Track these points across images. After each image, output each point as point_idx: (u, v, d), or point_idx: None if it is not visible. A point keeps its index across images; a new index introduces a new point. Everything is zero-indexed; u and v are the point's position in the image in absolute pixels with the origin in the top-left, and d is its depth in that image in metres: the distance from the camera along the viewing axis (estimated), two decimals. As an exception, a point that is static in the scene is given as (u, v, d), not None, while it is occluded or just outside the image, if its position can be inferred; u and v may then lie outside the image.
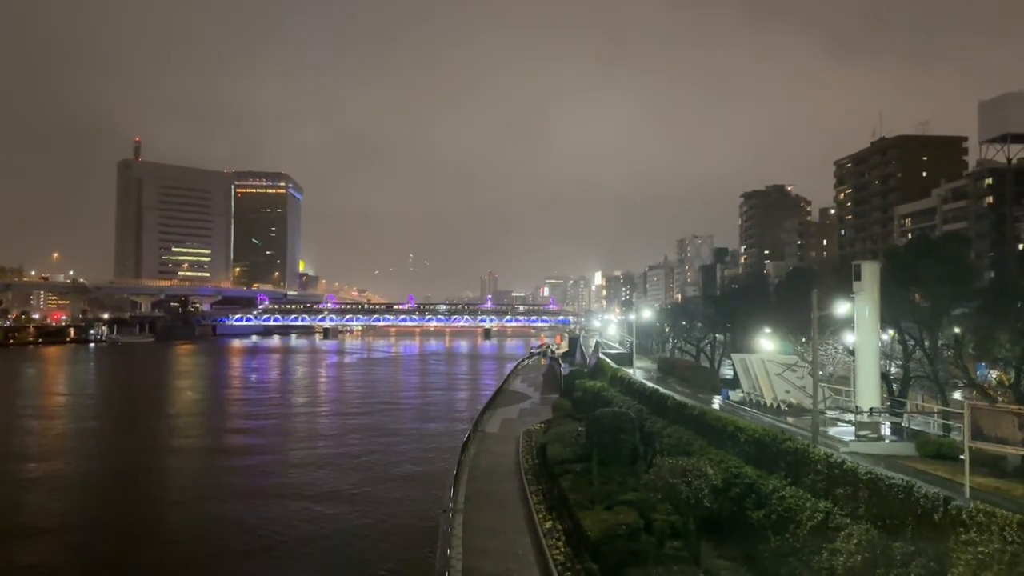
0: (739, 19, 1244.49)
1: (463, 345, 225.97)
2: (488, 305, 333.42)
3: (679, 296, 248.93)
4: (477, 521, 28.58)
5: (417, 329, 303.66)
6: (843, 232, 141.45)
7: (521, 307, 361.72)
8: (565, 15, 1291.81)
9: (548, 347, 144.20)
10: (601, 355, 67.14)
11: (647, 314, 53.05)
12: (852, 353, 36.04)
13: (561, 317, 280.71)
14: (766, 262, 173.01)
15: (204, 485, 43.91)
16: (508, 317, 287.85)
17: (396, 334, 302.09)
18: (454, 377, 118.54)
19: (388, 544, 31.73)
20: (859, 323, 26.75)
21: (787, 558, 18.29)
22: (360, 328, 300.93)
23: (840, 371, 36.77)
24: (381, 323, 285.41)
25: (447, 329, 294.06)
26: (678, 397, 33.83)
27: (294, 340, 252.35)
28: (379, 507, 37.33)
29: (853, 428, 28.52)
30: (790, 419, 31.85)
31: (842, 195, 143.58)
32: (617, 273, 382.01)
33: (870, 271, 27.07)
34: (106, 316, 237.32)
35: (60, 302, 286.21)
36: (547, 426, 48.53)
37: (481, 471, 37.89)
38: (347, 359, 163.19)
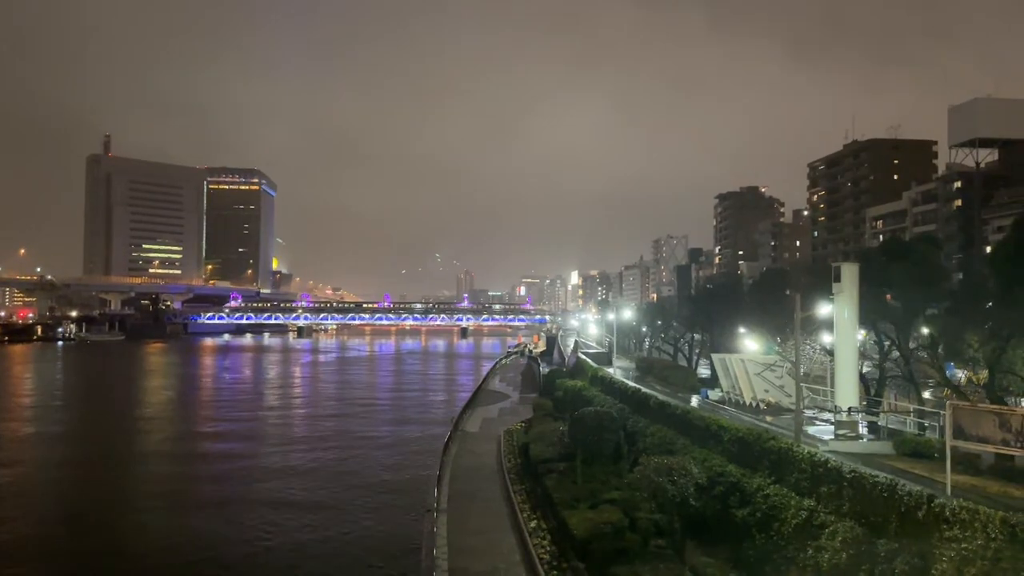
0: (707, 23, 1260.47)
1: (439, 344, 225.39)
2: (465, 304, 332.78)
3: (655, 296, 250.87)
4: (461, 521, 28.55)
5: (393, 328, 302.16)
6: (816, 233, 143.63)
7: (497, 306, 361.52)
8: (539, 20, 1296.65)
9: (525, 346, 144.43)
10: (580, 354, 67.43)
11: (627, 314, 53.32)
12: (829, 353, 36.72)
13: (538, 316, 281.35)
14: (740, 263, 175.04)
15: (174, 492, 42.69)
16: (485, 316, 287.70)
17: (371, 333, 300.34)
18: (431, 376, 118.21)
19: (371, 547, 31.55)
20: (838, 324, 27.21)
21: (772, 555, 18.57)
22: (335, 327, 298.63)
23: (817, 371, 37.36)
24: (356, 322, 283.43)
25: (423, 328, 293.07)
26: (660, 396, 34.14)
27: (267, 339, 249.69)
28: (357, 511, 37.08)
29: (831, 427, 29.02)
30: (769, 418, 32.33)
31: (815, 197, 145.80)
32: (593, 273, 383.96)
33: (849, 273, 27.54)
34: (74, 314, 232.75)
35: (27, 299, 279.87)
36: (528, 425, 48.63)
37: (463, 471, 37.83)
38: (322, 358, 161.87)
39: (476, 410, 60.09)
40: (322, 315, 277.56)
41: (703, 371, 58.82)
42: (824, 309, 27.48)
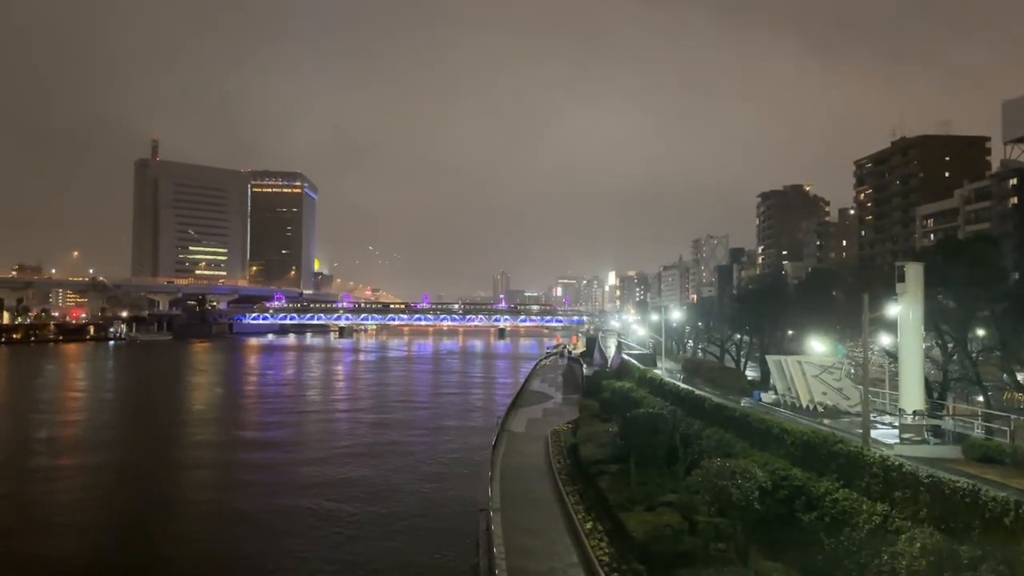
0: (714, 21, 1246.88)
1: (477, 344, 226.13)
2: (502, 305, 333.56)
3: (695, 297, 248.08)
4: (515, 520, 28.54)
5: (430, 328, 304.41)
6: (863, 233, 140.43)
7: (535, 307, 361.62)
8: (549, 21, 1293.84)
9: (564, 347, 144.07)
10: (624, 355, 67.03)
11: (676, 315, 52.77)
12: (889, 355, 35.83)
13: (575, 317, 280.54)
14: (784, 263, 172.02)
15: (223, 485, 43.78)
16: (522, 317, 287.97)
17: (409, 333, 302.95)
18: (471, 377, 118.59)
19: (425, 545, 31.72)
20: (903, 325, 26.47)
21: (843, 561, 18.16)
22: (375, 327, 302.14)
23: (875, 373, 36.51)
24: (395, 322, 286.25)
25: (460, 329, 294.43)
26: (716, 399, 33.69)
27: (309, 339, 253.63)
28: (407, 507, 37.34)
29: (894, 430, 28.29)
30: (827, 421, 31.64)
31: (862, 195, 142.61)
32: (631, 273, 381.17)
33: (914, 273, 26.76)
34: (124, 314, 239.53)
35: (79, 300, 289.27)
36: (574, 426, 48.49)
37: (512, 470, 37.84)
38: (363, 357, 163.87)
39: (520, 410, 60.12)
40: (362, 316, 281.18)
41: (750, 373, 57.88)
42: (892, 310, 26.74)
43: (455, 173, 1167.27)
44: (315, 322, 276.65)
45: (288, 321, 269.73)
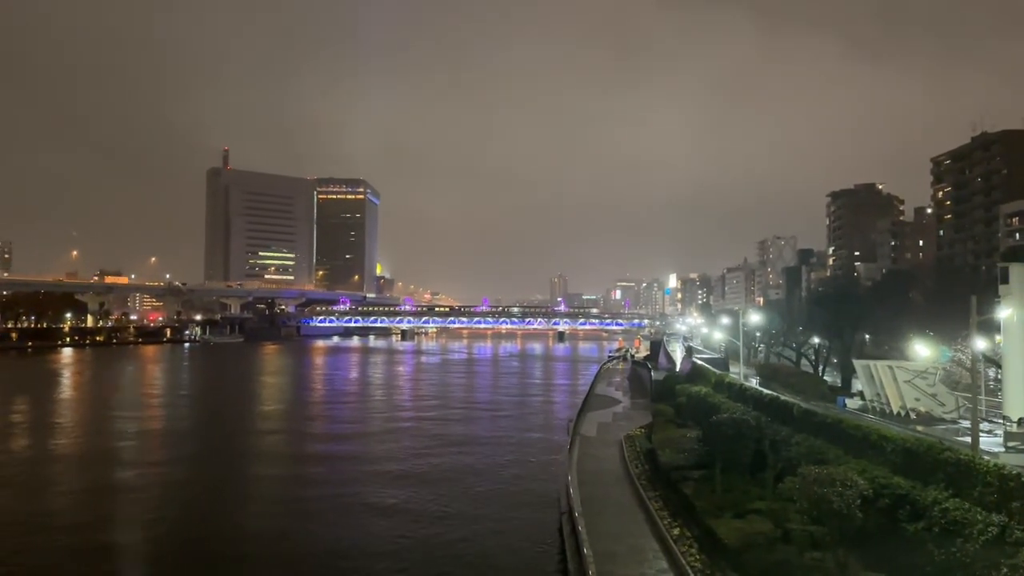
0: (753, 23, 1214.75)
1: (536, 347, 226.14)
2: (561, 308, 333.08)
3: (761, 299, 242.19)
4: (597, 525, 28.43)
5: (489, 331, 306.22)
6: (941, 232, 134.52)
7: (594, 310, 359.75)
8: (581, 28, 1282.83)
9: (627, 351, 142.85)
10: (695, 360, 66.02)
11: (754, 318, 51.59)
12: (988, 360, 34.31)
13: (635, 320, 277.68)
14: (856, 264, 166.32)
15: (290, 496, 44.00)
16: (581, 320, 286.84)
17: (468, 336, 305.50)
18: (533, 379, 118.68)
19: (506, 544, 31.86)
20: (1008, 328, 25.37)
21: (955, 573, 17.47)
22: (435, 330, 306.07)
23: (968, 378, 35.01)
24: (455, 325, 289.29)
25: (519, 332, 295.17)
26: (804, 404, 32.86)
27: (372, 341, 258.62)
28: (483, 511, 37.54)
29: (995, 438, 27.12)
30: (920, 428, 30.51)
31: (940, 193, 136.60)
32: (693, 275, 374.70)
33: (1019, 273, 25.63)
34: (198, 317, 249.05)
35: (155, 304, 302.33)
36: (648, 431, 48.05)
37: (588, 475, 37.70)
38: (425, 359, 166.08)
39: (589, 414, 59.88)
40: (424, 319, 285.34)
41: (828, 378, 56.15)
42: (1003, 312, 25.65)
43: (509, 178, 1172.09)
44: (377, 325, 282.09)
45: (352, 324, 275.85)
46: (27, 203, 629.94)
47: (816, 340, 59.31)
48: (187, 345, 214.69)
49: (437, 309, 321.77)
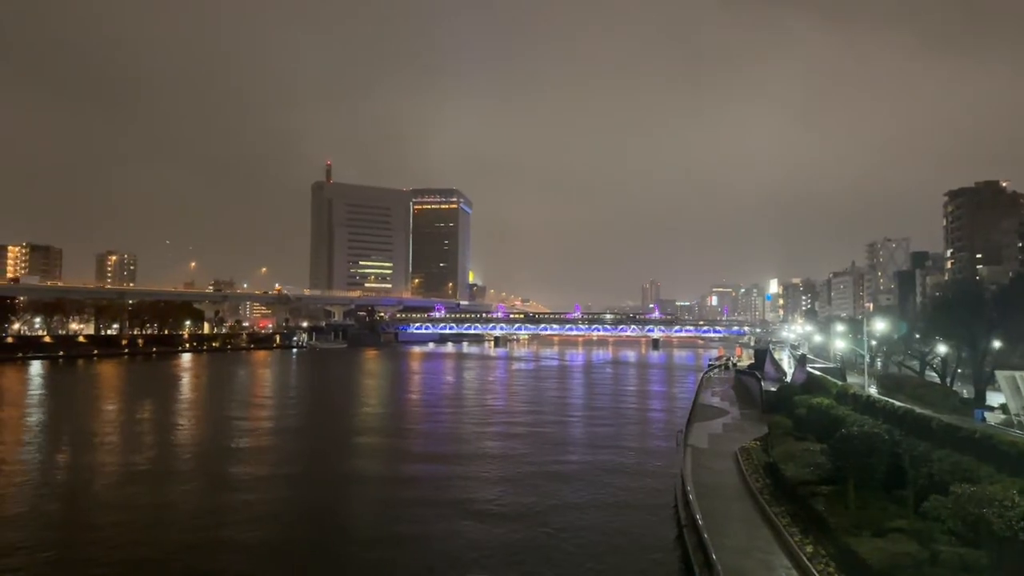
0: (827, 18, 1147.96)
1: (629, 355, 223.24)
2: (655, 315, 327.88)
3: (870, 305, 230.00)
4: (723, 540, 27.80)
5: (580, 338, 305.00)
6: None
7: (689, 317, 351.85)
8: (649, 27, 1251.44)
9: (728, 359, 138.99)
10: (810, 369, 63.48)
11: (880, 325, 48.94)
12: None
13: (735, 328, 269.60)
14: (979, 267, 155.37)
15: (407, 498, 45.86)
16: (676, 327, 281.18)
17: (559, 343, 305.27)
18: (630, 387, 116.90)
19: (627, 556, 31.62)
20: None
21: None
22: (526, 336, 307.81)
23: None
24: (547, 332, 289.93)
25: (610, 338, 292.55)
26: (945, 418, 30.99)
27: (466, 347, 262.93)
28: (599, 520, 37.34)
29: None
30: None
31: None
32: (795, 280, 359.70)
33: None
34: (305, 324, 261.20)
35: (264, 311, 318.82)
36: (763, 444, 46.57)
37: (704, 488, 36.86)
38: (521, 366, 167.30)
39: (698, 425, 58.62)
40: (516, 325, 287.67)
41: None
42: None
43: (594, 183, 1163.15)
44: (471, 332, 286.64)
45: (446, 331, 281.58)
46: (148, 218, 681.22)
47: (942, 348, 55.71)
48: (295, 350, 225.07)
49: (529, 316, 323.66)
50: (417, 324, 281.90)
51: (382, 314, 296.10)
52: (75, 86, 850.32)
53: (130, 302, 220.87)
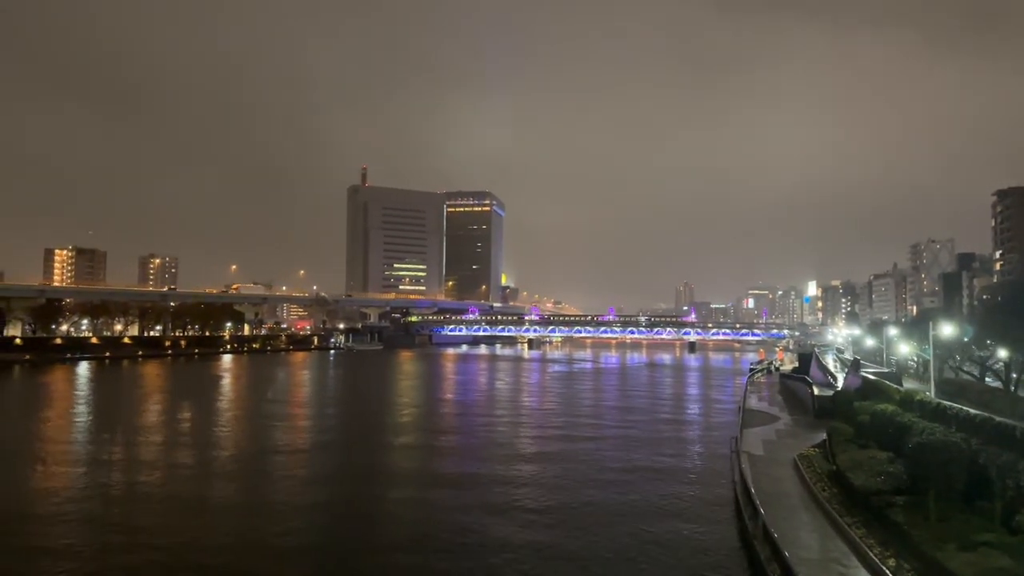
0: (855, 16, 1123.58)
1: (665, 358, 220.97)
2: (691, 317, 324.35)
3: (914, 308, 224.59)
4: (797, 551, 27.05)
5: (614, 341, 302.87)
6: None
7: (724, 319, 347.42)
8: (660, 30, 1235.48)
9: (770, 363, 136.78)
10: (864, 374, 61.96)
11: (947, 329, 47.43)
12: None
13: (774, 331, 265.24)
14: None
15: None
16: (713, 330, 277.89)
17: (592, 345, 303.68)
18: (668, 391, 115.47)
19: (693, 566, 31.06)
20: None
21: None
22: (559, 339, 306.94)
23: None
24: (580, 334, 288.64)
25: (644, 341, 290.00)
26: (1030, 427, 29.84)
27: (499, 349, 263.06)
28: (662, 522, 36.77)
29: None
30: None
31: None
32: (835, 283, 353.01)
33: None
34: (342, 326, 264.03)
35: (301, 313, 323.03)
36: (821, 450, 45.53)
37: (766, 496, 36.03)
38: (555, 368, 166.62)
39: (750, 430, 57.60)
40: (549, 328, 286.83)
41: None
42: None
43: (626, 186, 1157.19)
44: (504, 334, 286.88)
45: (480, 333, 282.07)
46: (187, 222, 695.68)
47: (1003, 353, 53.78)
48: (332, 352, 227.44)
49: (563, 318, 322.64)
50: (451, 326, 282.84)
51: (416, 316, 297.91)
52: (113, 97, 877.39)
53: (172, 304, 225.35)
